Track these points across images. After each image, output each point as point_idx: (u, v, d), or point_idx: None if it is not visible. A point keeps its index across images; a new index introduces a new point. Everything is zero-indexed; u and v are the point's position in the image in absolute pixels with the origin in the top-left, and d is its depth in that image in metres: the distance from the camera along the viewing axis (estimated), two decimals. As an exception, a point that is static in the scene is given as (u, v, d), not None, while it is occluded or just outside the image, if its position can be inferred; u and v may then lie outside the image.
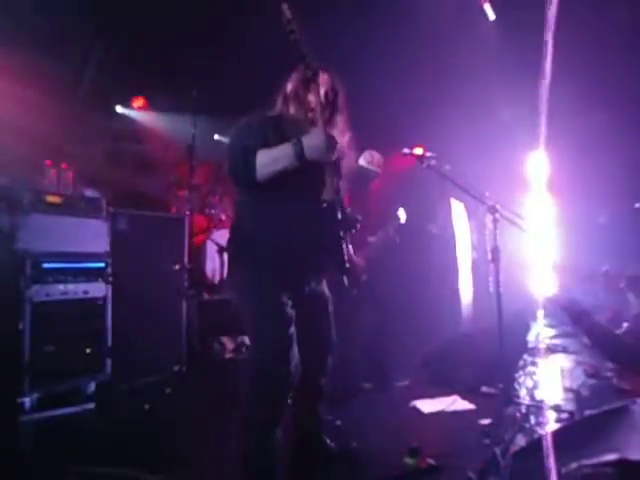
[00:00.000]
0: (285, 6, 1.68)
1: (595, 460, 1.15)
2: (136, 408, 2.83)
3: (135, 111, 5.18)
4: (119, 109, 5.14)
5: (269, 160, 1.77)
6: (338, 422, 2.54)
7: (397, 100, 4.90)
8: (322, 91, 1.91)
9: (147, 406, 2.86)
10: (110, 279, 2.95)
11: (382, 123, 4.57)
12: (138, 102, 5.15)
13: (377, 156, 3.55)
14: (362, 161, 3.50)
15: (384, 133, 4.22)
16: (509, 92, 6.27)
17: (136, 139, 5.04)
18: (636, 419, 1.51)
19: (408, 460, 2.15)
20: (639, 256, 5.47)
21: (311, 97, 1.91)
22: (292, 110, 1.96)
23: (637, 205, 6.52)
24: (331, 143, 1.80)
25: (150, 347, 3.17)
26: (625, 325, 4.34)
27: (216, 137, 5.76)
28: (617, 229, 6.06)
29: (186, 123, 4.00)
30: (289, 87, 1.98)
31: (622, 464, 1.07)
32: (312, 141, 1.76)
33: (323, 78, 1.92)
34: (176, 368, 3.43)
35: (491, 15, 5.83)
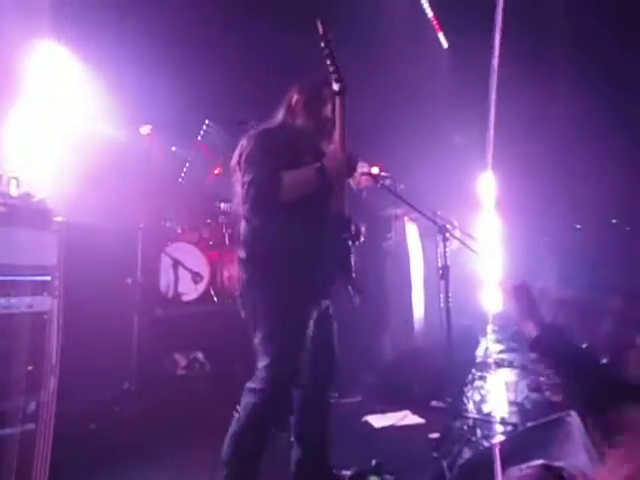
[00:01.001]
0: (319, 22, 1.83)
1: (523, 466, 1.23)
2: (81, 428, 2.72)
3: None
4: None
5: (295, 183, 1.83)
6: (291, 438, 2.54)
7: (356, 120, 5.04)
8: (330, 105, 2.00)
9: (93, 426, 2.75)
10: (57, 293, 2.83)
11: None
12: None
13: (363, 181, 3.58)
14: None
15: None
16: (462, 117, 6.59)
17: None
18: (570, 430, 1.61)
19: (373, 479, 2.17)
20: (581, 275, 5.81)
21: (325, 110, 2.00)
22: (299, 121, 2.02)
23: (578, 226, 6.95)
24: (352, 164, 1.90)
25: (98, 363, 3.07)
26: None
27: (173, 149, 5.69)
28: (561, 249, 6.42)
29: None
30: (294, 98, 2.04)
31: (544, 468, 1.15)
32: (336, 166, 1.85)
33: (330, 92, 1.99)
34: (125, 385, 3.32)
35: (444, 43, 6.14)
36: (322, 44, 1.87)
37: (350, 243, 1.95)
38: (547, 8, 5.27)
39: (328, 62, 1.89)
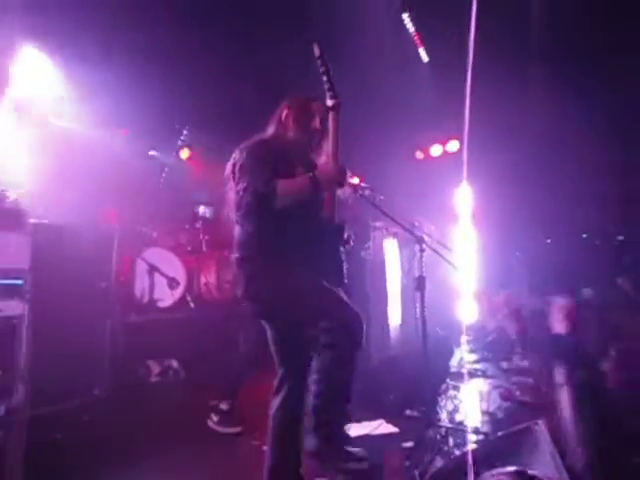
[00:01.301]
0: (315, 45, 2.00)
1: (495, 472, 1.26)
2: (48, 437, 2.64)
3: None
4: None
5: (289, 191, 1.90)
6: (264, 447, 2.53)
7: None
8: (318, 119, 2.12)
9: (58, 435, 2.67)
10: (28, 297, 2.77)
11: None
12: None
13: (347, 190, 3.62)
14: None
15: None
16: (441, 130, 6.73)
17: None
18: (537, 438, 1.66)
19: None
20: (550, 287, 5.95)
21: (314, 123, 2.12)
22: (290, 133, 2.12)
23: (548, 241, 7.14)
24: (343, 174, 1.99)
25: (69, 370, 2.99)
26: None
27: (151, 153, 5.63)
28: (531, 261, 6.58)
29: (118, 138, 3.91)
30: (284, 112, 2.16)
31: (517, 474, 1.19)
32: (328, 176, 1.95)
33: (317, 106, 2.13)
34: (96, 392, 3.25)
35: (425, 57, 6.27)
36: (319, 63, 2.01)
37: (342, 249, 2.03)
38: (524, 19, 5.42)
39: (324, 79, 2.02)
